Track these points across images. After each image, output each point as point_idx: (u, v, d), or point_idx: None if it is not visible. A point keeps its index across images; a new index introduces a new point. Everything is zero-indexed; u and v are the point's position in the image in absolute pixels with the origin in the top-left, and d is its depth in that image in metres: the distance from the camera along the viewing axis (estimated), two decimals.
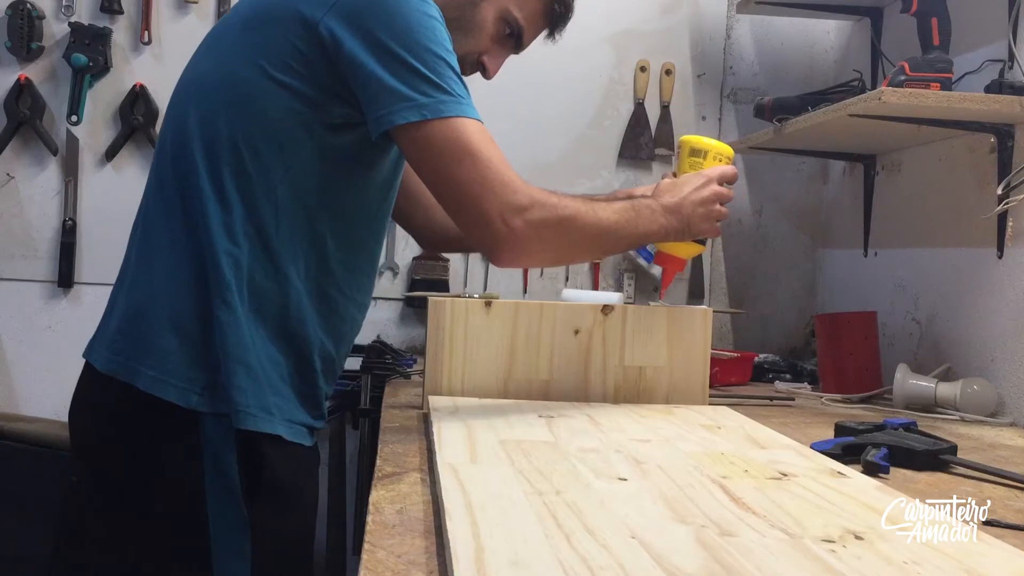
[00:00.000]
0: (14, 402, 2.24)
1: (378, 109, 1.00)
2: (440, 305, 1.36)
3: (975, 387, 1.61)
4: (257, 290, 1.05)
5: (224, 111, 1.05)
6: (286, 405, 1.07)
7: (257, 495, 1.03)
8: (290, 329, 1.08)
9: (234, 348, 1.02)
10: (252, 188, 1.04)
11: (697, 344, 1.41)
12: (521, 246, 1.05)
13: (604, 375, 1.38)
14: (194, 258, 1.04)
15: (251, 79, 1.04)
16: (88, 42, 2.20)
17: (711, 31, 2.42)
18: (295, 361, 1.10)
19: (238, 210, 1.03)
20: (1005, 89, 1.56)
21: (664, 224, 1.21)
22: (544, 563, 0.63)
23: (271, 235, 1.05)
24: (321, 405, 1.15)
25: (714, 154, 1.31)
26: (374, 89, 1.00)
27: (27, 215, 2.24)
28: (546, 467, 0.92)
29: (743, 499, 0.82)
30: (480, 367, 1.35)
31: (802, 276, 2.46)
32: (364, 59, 1.00)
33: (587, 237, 1.13)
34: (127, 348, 1.05)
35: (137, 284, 1.08)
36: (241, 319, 1.03)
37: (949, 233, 1.83)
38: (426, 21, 1.02)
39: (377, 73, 0.99)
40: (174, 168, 1.07)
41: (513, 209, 1.03)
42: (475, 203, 1.03)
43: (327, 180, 1.08)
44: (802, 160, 2.40)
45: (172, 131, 1.10)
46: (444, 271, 2.32)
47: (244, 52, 1.06)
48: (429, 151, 1.02)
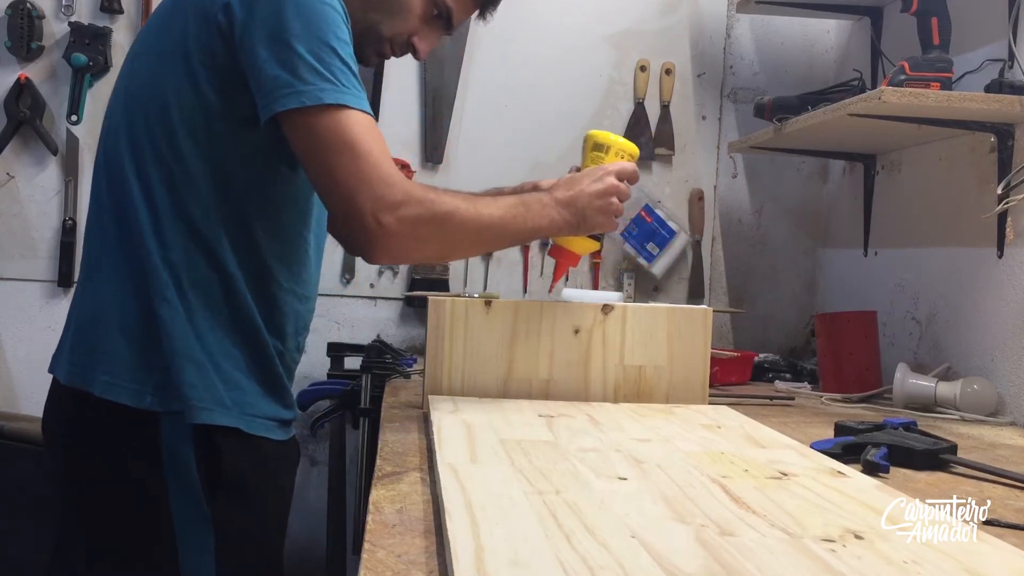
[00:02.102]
0: (14, 401, 2.24)
1: (263, 96, 1.00)
2: (440, 305, 1.36)
3: (975, 386, 1.61)
4: (199, 283, 1.05)
5: (145, 114, 1.06)
6: (245, 398, 1.07)
7: (218, 490, 1.04)
8: (239, 319, 1.08)
9: (180, 344, 1.03)
10: (178, 187, 1.05)
11: (697, 344, 1.41)
12: (392, 243, 1.03)
13: (604, 374, 1.38)
14: (130, 264, 1.05)
15: (165, 77, 1.05)
16: (88, 42, 2.20)
17: (711, 31, 2.42)
18: (251, 351, 1.09)
19: (166, 211, 1.04)
20: (1005, 88, 1.56)
21: (556, 218, 1.19)
22: (544, 563, 0.63)
23: (202, 229, 1.05)
24: (288, 395, 1.15)
25: (616, 150, 1.30)
26: (260, 77, 0.99)
27: (27, 214, 2.25)
28: (546, 467, 0.92)
29: (743, 499, 0.82)
30: (480, 366, 1.35)
31: (802, 276, 2.46)
32: (254, 46, 0.99)
33: (466, 233, 1.11)
34: (82, 357, 1.07)
35: (85, 296, 1.10)
36: (183, 314, 1.04)
37: (949, 233, 1.83)
38: (319, 8, 1.01)
39: (264, 60, 0.99)
40: (108, 180, 1.09)
41: (386, 205, 1.01)
42: (349, 197, 1.01)
43: (250, 173, 1.07)
44: (802, 160, 2.40)
45: (104, 143, 1.12)
46: (444, 270, 2.32)
47: (157, 51, 1.07)
48: (310, 140, 1.00)
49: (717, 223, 2.44)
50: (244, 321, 1.08)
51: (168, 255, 1.04)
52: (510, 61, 2.34)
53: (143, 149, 1.05)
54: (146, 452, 1.03)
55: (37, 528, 1.87)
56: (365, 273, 2.34)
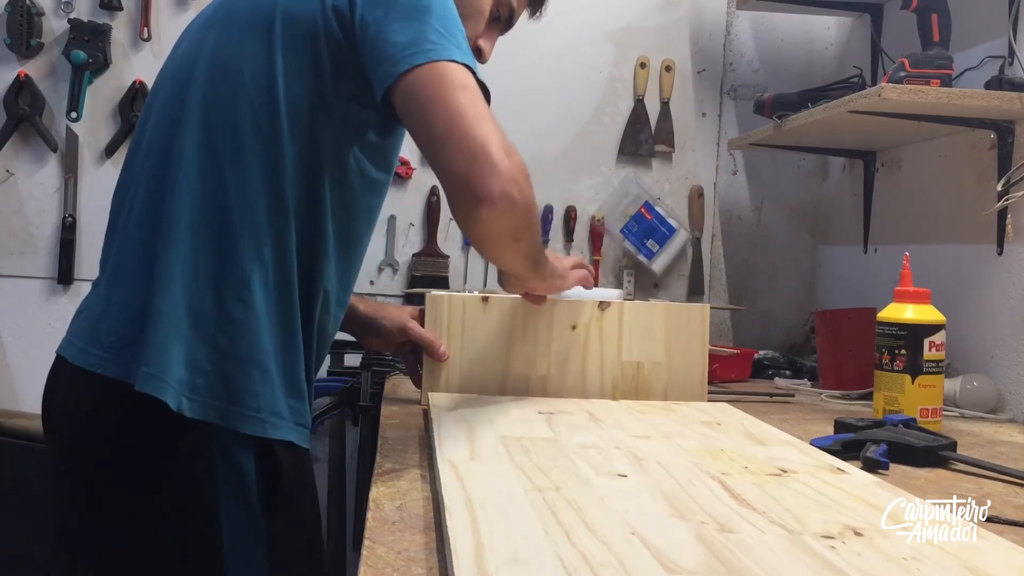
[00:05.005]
0: (14, 398, 2.24)
1: (389, 60, 0.96)
2: (438, 300, 1.36)
3: (975, 383, 1.61)
4: (276, 287, 1.01)
5: (238, 94, 1.01)
6: (298, 407, 1.03)
7: (274, 504, 0.99)
8: (303, 327, 1.04)
9: (248, 349, 0.98)
10: (276, 178, 1.00)
11: (695, 340, 1.41)
12: (512, 186, 0.94)
13: (602, 370, 1.38)
14: (211, 257, 0.99)
15: (264, 60, 1.01)
16: (87, 38, 2.19)
17: (711, 27, 2.42)
18: (305, 359, 1.06)
19: (260, 208, 1.00)
20: (1005, 85, 1.56)
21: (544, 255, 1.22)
22: (544, 559, 0.63)
23: (289, 232, 1.01)
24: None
25: None
26: (384, 45, 0.96)
27: (27, 212, 2.24)
28: (546, 464, 0.92)
29: (743, 495, 0.82)
30: (478, 362, 1.35)
31: (802, 272, 2.46)
32: (380, 19, 0.97)
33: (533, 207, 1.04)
34: (129, 349, 0.98)
35: (140, 281, 1.00)
36: (257, 318, 0.99)
37: (949, 230, 1.83)
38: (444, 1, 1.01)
39: (393, 30, 0.96)
40: (175, 163, 1.02)
41: (508, 147, 0.96)
42: (473, 125, 0.94)
43: (337, 167, 1.05)
44: (802, 157, 2.40)
45: (174, 119, 1.04)
46: (444, 268, 2.32)
47: (255, 32, 1.02)
48: (435, 88, 0.94)
49: (717, 220, 2.44)
50: (304, 329, 1.05)
51: (259, 250, 0.99)
52: (510, 57, 2.34)
53: (242, 133, 1.00)
54: (200, 457, 0.97)
55: (36, 525, 1.87)
56: (365, 270, 2.32)
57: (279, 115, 1.01)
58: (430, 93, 0.95)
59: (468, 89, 0.95)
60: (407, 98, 0.96)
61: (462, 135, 0.93)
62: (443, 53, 0.96)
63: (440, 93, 0.94)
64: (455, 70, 0.95)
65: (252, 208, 1.00)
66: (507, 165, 0.93)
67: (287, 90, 1.01)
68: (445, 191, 0.96)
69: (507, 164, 0.93)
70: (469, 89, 0.95)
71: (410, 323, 1.36)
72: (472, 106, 0.94)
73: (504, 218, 0.95)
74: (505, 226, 0.97)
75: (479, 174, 0.92)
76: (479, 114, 0.94)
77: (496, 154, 0.92)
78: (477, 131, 0.93)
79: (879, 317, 1.42)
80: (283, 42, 1.01)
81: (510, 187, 0.93)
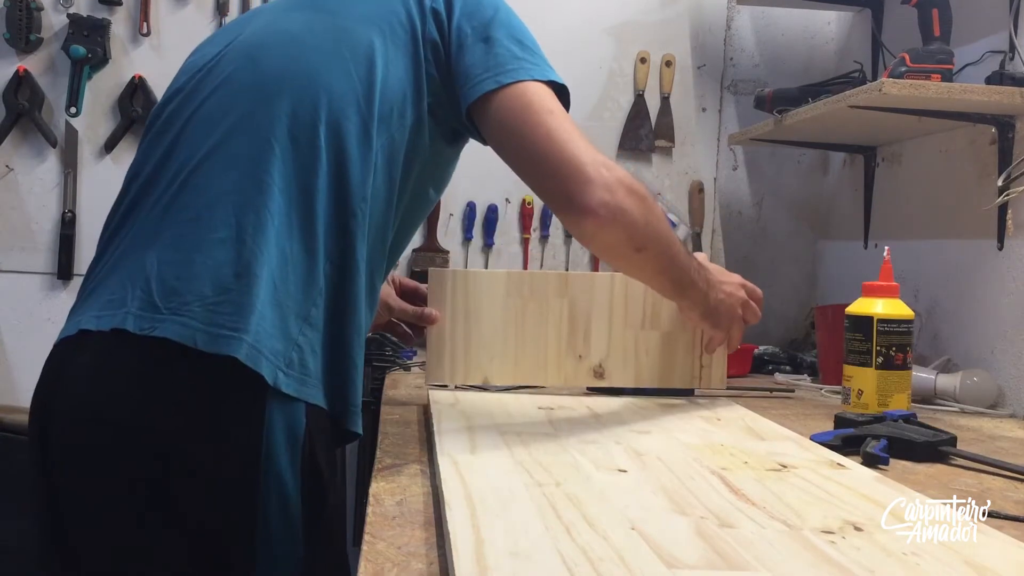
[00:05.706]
0: (14, 394, 2.24)
1: (486, 71, 1.00)
2: (440, 275, 1.32)
3: (975, 379, 1.61)
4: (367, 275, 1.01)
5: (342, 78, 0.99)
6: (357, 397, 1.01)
7: (317, 480, 0.93)
8: (366, 318, 1.04)
9: (339, 329, 0.97)
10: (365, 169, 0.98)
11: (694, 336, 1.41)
12: (609, 194, 0.97)
13: (623, 351, 1.37)
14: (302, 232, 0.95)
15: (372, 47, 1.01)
16: (87, 33, 2.19)
17: (711, 22, 2.41)
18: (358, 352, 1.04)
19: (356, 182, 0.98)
20: (1006, 80, 1.55)
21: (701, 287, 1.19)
22: (544, 554, 0.63)
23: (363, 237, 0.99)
24: None
25: None
26: (482, 57, 1.01)
27: (26, 207, 2.24)
28: (546, 459, 0.92)
29: (743, 490, 0.82)
30: (484, 341, 1.32)
31: (802, 268, 2.46)
32: (472, 36, 1.02)
33: (662, 222, 1.07)
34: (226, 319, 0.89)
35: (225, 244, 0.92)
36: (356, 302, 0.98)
37: (949, 225, 1.83)
38: (521, 22, 1.08)
39: (494, 41, 1.02)
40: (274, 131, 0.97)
41: (601, 161, 0.99)
42: (565, 147, 0.98)
43: (410, 165, 1.05)
44: (802, 152, 2.40)
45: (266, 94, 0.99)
46: (444, 263, 2.32)
47: (356, 15, 1.03)
48: (531, 106, 0.99)
49: (717, 215, 2.43)
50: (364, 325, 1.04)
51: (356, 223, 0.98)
52: None
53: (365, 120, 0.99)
54: (286, 439, 0.90)
55: (33, 520, 1.87)
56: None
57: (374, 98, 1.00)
58: (520, 117, 1.00)
59: (555, 113, 1.00)
60: (494, 118, 1.01)
61: (556, 158, 0.98)
62: (543, 73, 1.02)
63: (530, 118, 0.99)
64: (542, 92, 1.01)
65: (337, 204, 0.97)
66: (603, 176, 0.97)
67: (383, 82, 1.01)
68: (556, 215, 1.04)
69: (603, 175, 0.98)
70: (556, 113, 1.00)
71: (391, 299, 1.34)
72: (561, 129, 0.99)
73: (611, 227, 0.99)
74: (617, 235, 1.01)
75: (576, 189, 0.97)
76: (568, 137, 0.99)
77: (589, 167, 0.97)
78: (570, 152, 0.98)
79: (847, 311, 1.45)
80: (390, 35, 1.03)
81: (607, 196, 0.97)
